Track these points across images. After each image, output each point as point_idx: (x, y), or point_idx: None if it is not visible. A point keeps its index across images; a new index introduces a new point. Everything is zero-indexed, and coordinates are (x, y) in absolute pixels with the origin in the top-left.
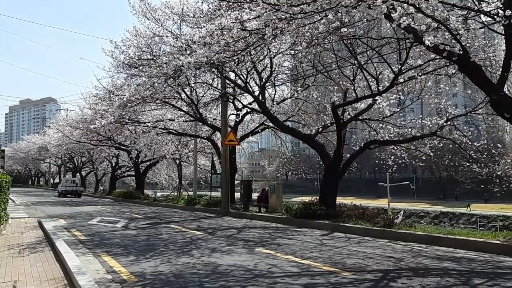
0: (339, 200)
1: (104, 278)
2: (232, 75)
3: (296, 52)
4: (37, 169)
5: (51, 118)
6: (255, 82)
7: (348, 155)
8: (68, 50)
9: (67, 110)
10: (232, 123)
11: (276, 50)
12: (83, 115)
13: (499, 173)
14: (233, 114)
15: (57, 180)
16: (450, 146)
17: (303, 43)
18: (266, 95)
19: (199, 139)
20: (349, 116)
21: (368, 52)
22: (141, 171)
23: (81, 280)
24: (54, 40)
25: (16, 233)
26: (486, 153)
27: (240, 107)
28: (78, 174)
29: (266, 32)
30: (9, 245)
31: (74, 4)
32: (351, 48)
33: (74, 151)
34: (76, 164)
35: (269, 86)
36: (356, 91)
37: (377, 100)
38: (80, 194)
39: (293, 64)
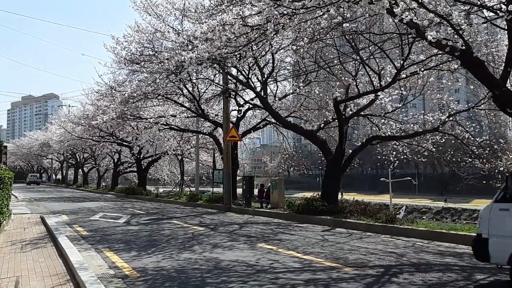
0: None
1: (106, 274)
2: (234, 71)
3: (298, 47)
4: (39, 165)
5: (53, 114)
6: (257, 78)
7: (350, 151)
8: (70, 46)
9: (69, 106)
10: (234, 119)
11: (278, 46)
12: (85, 111)
13: (501, 168)
14: (235, 110)
15: (59, 176)
16: (452, 141)
17: (305, 38)
18: (268, 90)
19: (201, 135)
20: (351, 112)
21: (370, 48)
22: (143, 167)
23: (83, 276)
24: (56, 36)
25: (18, 229)
26: (488, 149)
27: (242, 103)
28: (38, 173)
29: (268, 27)
30: (12, 240)
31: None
32: (353, 44)
33: (76, 147)
34: (78, 160)
35: (271, 82)
36: (358, 86)
37: (379, 95)
38: (39, 183)
39: (295, 60)
